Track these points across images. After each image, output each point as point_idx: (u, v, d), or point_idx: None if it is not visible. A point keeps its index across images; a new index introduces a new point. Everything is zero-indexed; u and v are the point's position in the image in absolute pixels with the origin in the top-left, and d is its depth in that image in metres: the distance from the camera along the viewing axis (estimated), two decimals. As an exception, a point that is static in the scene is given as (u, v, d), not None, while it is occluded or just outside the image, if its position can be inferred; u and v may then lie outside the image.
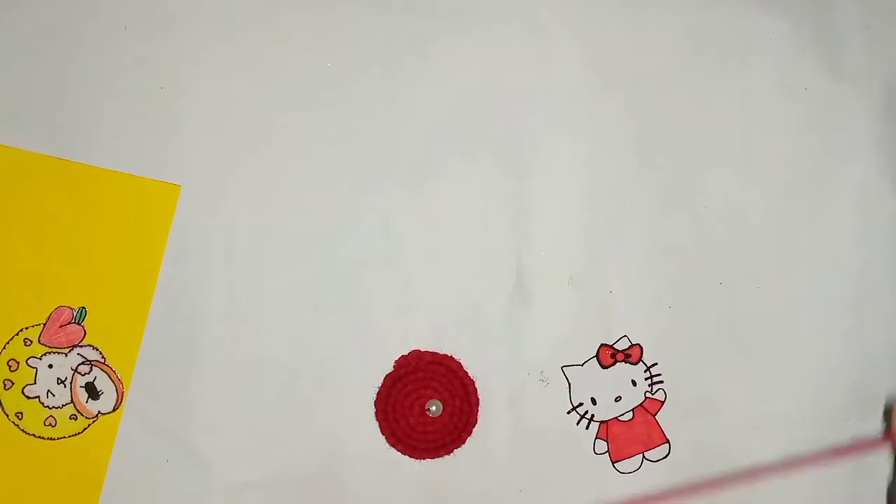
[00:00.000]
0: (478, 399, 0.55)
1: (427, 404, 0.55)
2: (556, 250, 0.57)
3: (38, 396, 0.54)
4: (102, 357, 0.54)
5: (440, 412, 0.55)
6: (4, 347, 0.54)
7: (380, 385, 0.55)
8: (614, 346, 0.56)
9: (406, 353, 0.55)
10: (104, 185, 0.55)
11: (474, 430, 0.55)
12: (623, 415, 0.56)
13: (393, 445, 0.54)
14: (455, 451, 0.55)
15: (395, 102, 0.57)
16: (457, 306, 0.56)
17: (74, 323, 0.55)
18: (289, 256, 0.56)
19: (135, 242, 0.55)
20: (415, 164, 0.57)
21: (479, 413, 0.55)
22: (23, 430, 0.54)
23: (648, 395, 0.56)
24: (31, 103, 0.56)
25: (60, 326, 0.54)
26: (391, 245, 0.56)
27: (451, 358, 0.55)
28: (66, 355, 0.54)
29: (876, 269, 0.58)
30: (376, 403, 0.55)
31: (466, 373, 0.55)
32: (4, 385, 0.54)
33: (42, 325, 0.54)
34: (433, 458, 0.55)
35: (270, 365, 0.55)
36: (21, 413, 0.54)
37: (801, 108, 0.58)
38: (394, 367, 0.55)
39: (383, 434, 0.54)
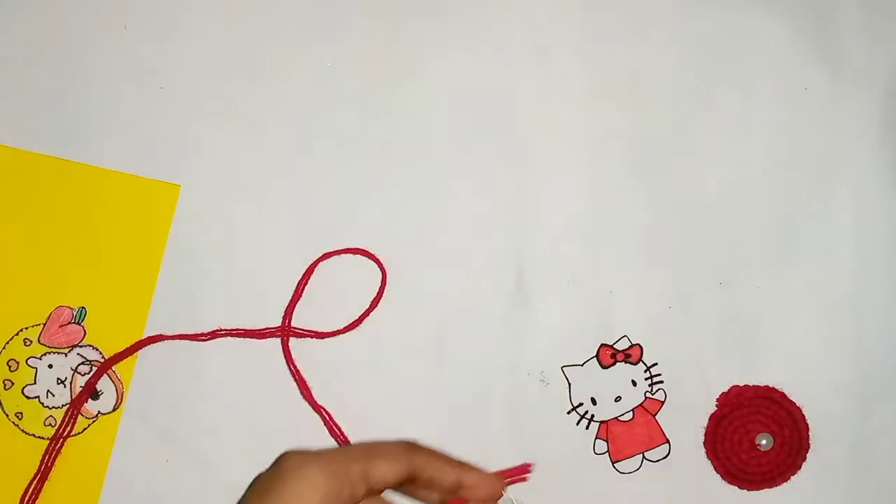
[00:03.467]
0: (807, 425, 0.55)
1: (757, 438, 0.55)
2: (556, 250, 0.57)
3: (38, 396, 0.54)
4: (102, 357, 0.54)
5: (771, 446, 0.55)
6: (4, 347, 0.54)
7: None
8: (614, 346, 0.56)
9: (726, 389, 0.56)
10: (104, 185, 0.56)
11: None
12: (623, 415, 0.56)
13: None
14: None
15: (395, 102, 0.57)
16: (457, 306, 0.56)
17: (74, 323, 0.54)
18: (288, 256, 0.55)
19: (135, 242, 0.55)
20: (415, 164, 0.57)
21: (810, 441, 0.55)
22: (23, 430, 0.54)
23: (648, 395, 0.56)
24: (31, 103, 0.56)
25: (60, 326, 0.54)
26: (391, 245, 0.56)
27: (774, 389, 0.55)
28: (65, 355, 0.54)
29: (875, 269, 0.57)
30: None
31: (792, 402, 0.55)
32: (4, 385, 0.54)
33: (42, 325, 0.54)
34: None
35: (270, 365, 0.55)
36: (21, 413, 0.54)
37: (801, 108, 0.58)
38: (716, 406, 0.56)
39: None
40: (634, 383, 0.56)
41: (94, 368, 0.54)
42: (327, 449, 0.45)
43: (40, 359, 0.54)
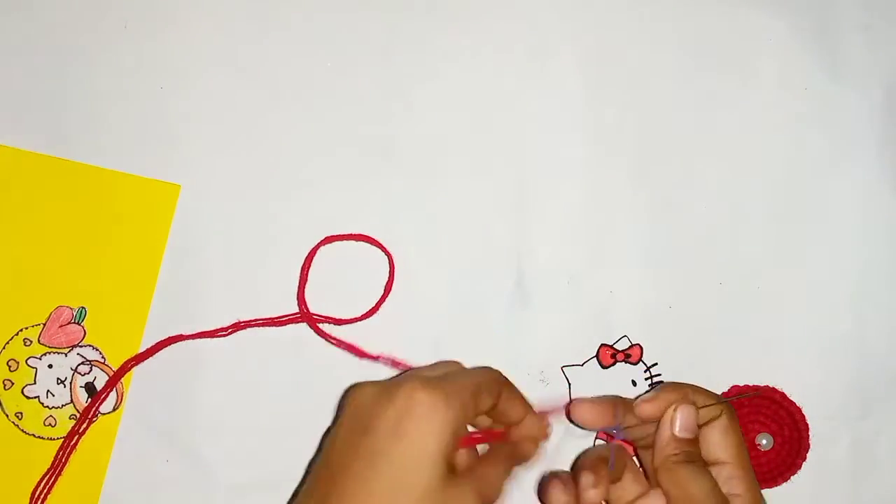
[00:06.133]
0: (807, 425, 0.55)
1: (757, 438, 0.55)
2: (556, 250, 0.57)
3: (38, 396, 0.54)
4: (102, 357, 0.54)
5: (771, 446, 0.55)
6: (4, 347, 0.54)
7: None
8: (614, 346, 0.56)
9: (726, 389, 0.55)
10: (104, 185, 0.56)
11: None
12: (623, 415, 0.56)
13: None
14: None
15: (395, 102, 0.57)
16: (457, 306, 0.56)
17: (74, 323, 0.54)
18: (288, 256, 0.55)
19: (135, 242, 0.55)
20: (414, 164, 0.57)
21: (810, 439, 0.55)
22: (22, 430, 0.54)
23: (648, 395, 0.56)
24: (31, 103, 0.56)
25: (60, 326, 0.54)
26: (391, 246, 0.56)
27: (774, 389, 0.55)
28: (65, 355, 0.54)
29: (876, 269, 0.57)
30: None
31: (792, 402, 0.55)
32: (4, 385, 0.54)
33: (42, 325, 0.54)
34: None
35: (270, 365, 0.55)
36: (21, 413, 0.54)
37: (801, 108, 0.58)
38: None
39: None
40: (634, 383, 0.56)
41: (94, 368, 0.54)
42: (439, 379, 0.45)
43: (40, 359, 0.54)
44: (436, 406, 0.43)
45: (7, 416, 0.54)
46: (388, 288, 0.55)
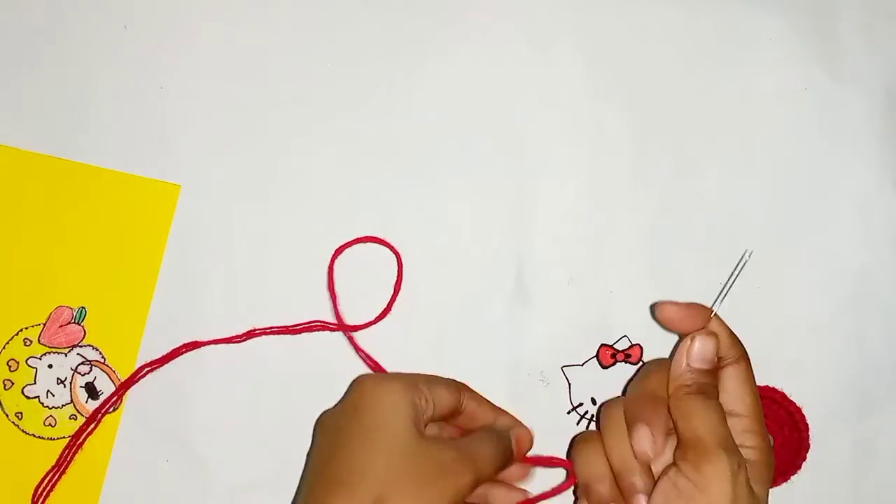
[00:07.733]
0: (807, 425, 0.55)
1: None
2: (556, 250, 0.57)
3: (38, 396, 0.54)
4: (102, 357, 0.54)
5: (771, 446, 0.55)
6: (4, 347, 0.54)
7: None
8: (614, 346, 0.56)
9: None
10: (104, 185, 0.56)
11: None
12: (623, 415, 0.56)
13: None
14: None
15: (395, 102, 0.57)
16: (457, 306, 0.56)
17: (74, 323, 0.55)
18: (288, 256, 0.55)
19: (135, 242, 0.55)
20: (415, 163, 0.57)
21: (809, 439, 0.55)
22: (23, 430, 0.54)
23: (648, 395, 0.56)
24: (31, 103, 0.56)
25: (60, 326, 0.54)
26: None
27: (774, 389, 0.55)
28: (65, 355, 0.54)
29: (876, 270, 0.57)
30: None
31: (792, 402, 0.55)
32: (4, 385, 0.54)
33: (42, 325, 0.54)
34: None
35: (269, 365, 0.55)
36: (21, 413, 0.54)
37: (801, 108, 0.58)
38: None
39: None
40: (634, 383, 0.56)
41: (94, 368, 0.54)
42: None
43: (40, 359, 0.54)
44: (388, 384, 0.47)
45: (7, 416, 0.54)
46: (396, 289, 0.55)
